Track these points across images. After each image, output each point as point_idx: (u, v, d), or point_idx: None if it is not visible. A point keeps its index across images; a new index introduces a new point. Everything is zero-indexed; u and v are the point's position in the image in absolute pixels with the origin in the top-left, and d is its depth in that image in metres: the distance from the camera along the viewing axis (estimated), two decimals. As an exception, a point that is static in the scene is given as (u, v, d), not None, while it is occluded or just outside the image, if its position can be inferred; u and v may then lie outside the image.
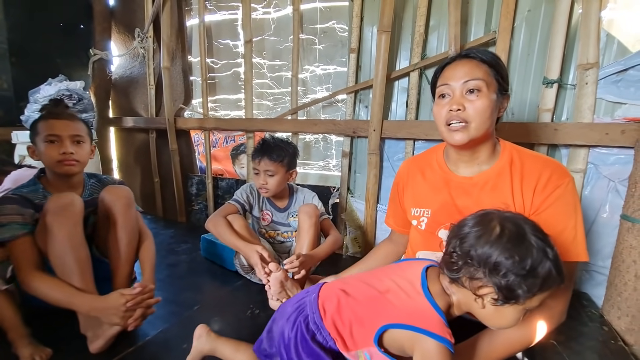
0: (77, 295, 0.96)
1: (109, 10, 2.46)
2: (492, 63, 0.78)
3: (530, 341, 0.69)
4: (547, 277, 0.56)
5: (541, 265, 0.56)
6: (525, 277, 0.55)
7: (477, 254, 0.57)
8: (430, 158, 0.95)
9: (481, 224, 0.60)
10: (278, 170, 1.32)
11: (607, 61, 1.22)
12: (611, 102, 1.23)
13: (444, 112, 0.79)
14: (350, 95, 1.72)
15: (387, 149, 1.67)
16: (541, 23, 1.31)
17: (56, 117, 1.10)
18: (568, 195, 0.74)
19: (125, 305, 0.93)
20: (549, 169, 0.75)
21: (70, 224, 0.99)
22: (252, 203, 1.47)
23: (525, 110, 1.38)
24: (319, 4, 1.80)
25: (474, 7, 1.42)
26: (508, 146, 0.84)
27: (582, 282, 1.35)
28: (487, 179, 0.82)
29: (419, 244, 0.96)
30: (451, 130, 0.78)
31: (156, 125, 2.32)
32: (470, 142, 0.78)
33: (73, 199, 1.02)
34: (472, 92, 0.76)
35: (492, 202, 0.79)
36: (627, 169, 1.16)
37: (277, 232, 1.47)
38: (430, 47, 1.53)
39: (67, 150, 1.07)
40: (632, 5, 1.19)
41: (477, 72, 0.76)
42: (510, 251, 0.56)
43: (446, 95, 0.80)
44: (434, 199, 0.90)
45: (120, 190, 1.16)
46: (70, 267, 0.98)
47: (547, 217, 0.73)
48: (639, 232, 1.06)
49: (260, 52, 2.04)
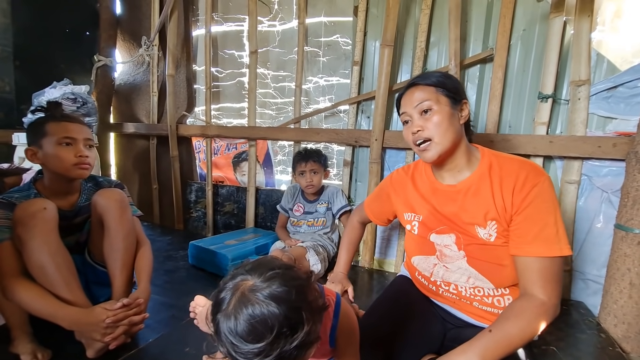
0: (60, 309, 0.90)
1: (116, 19, 2.50)
2: (435, 83, 0.86)
3: (530, 336, 0.70)
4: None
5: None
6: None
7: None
8: (420, 168, 1.01)
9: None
10: (319, 169, 1.68)
11: (597, 78, 1.29)
12: (602, 117, 1.29)
13: (409, 136, 0.88)
14: (352, 105, 1.77)
15: (388, 159, 1.71)
16: (536, 41, 1.39)
17: (69, 120, 1.07)
18: (545, 192, 0.77)
19: (105, 322, 0.89)
20: (525, 170, 0.79)
21: (44, 232, 0.93)
22: (291, 201, 1.82)
23: (522, 124, 1.44)
24: (324, 18, 1.87)
25: (472, 25, 1.50)
26: (486, 152, 0.88)
27: (578, 292, 1.38)
28: (470, 185, 0.86)
29: (414, 250, 0.99)
30: (421, 151, 0.87)
31: (157, 132, 2.33)
32: (441, 156, 0.85)
33: (43, 204, 0.96)
34: (426, 112, 0.85)
35: (475, 207, 0.84)
36: (619, 180, 1.21)
37: (304, 221, 1.77)
38: (430, 62, 1.59)
39: (83, 153, 1.05)
40: (618, 29, 1.27)
41: (423, 95, 0.85)
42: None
43: (408, 121, 0.89)
44: (423, 205, 0.95)
45: (113, 193, 1.09)
46: (52, 277, 0.92)
47: (528, 214, 0.77)
48: (632, 240, 1.10)
49: (265, 63, 2.09)
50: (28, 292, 0.90)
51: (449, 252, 0.89)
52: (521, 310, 0.72)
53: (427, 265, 0.95)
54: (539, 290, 0.74)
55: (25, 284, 0.91)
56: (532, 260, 0.75)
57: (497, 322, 0.73)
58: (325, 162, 1.73)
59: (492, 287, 0.85)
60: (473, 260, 0.85)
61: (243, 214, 2.15)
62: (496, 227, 0.81)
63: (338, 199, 1.73)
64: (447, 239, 0.89)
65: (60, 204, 1.05)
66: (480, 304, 0.87)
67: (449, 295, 0.92)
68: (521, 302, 0.74)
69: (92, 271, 1.15)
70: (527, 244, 0.76)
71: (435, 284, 0.94)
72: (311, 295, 0.55)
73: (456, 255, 0.88)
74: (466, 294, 0.88)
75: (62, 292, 0.92)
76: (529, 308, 0.72)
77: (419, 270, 0.99)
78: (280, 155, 2.17)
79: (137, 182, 2.57)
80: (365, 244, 1.76)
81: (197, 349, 1.02)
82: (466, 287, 0.88)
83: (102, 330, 0.89)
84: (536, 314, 0.71)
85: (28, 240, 0.91)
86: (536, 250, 0.75)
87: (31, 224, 0.91)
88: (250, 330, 0.49)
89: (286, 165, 2.15)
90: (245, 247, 1.68)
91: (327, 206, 1.74)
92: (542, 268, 0.74)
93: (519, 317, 0.71)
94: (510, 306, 0.76)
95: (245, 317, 0.49)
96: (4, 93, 2.12)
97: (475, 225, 0.84)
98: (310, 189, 1.71)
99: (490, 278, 0.84)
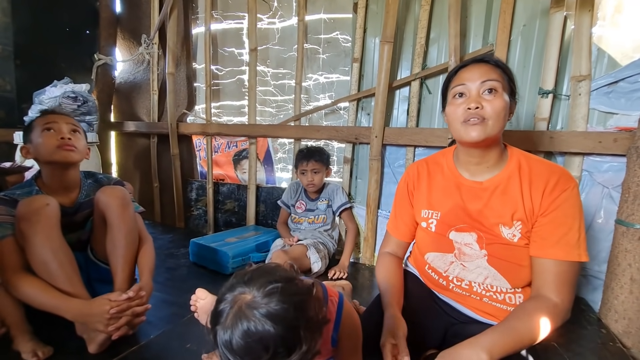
0: (64, 301, 0.92)
1: (115, 17, 2.51)
2: (505, 68, 0.82)
3: (540, 336, 0.70)
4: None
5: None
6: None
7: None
8: (440, 162, 0.97)
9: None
10: (321, 168, 1.68)
11: (598, 74, 1.29)
12: (603, 112, 1.29)
13: (460, 110, 0.81)
14: (352, 102, 1.77)
15: (388, 155, 1.71)
16: (536, 37, 1.38)
17: (53, 112, 1.11)
18: (573, 198, 0.77)
19: (109, 313, 0.90)
20: (556, 174, 0.79)
21: (46, 228, 0.94)
22: (293, 197, 1.82)
23: (522, 119, 1.44)
24: (323, 15, 1.87)
25: (472, 21, 1.49)
26: (515, 152, 0.87)
27: (579, 287, 1.38)
28: (498, 184, 0.84)
29: (428, 246, 0.96)
30: (468, 126, 0.80)
31: (158, 130, 2.33)
32: (485, 141, 0.80)
33: (46, 200, 0.97)
34: (490, 92, 0.79)
35: (502, 206, 0.82)
36: (620, 176, 1.21)
37: (305, 218, 1.77)
38: (430, 58, 1.59)
39: (65, 135, 1.06)
40: (619, 24, 1.27)
41: (493, 74, 0.80)
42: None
43: (463, 94, 0.82)
44: (444, 202, 0.92)
45: (114, 190, 1.11)
46: (55, 273, 0.94)
47: (554, 218, 0.76)
48: (633, 236, 1.10)
49: (265, 61, 2.09)
50: (31, 286, 0.92)
51: (468, 251, 0.87)
52: (534, 310, 0.72)
53: (443, 262, 0.92)
54: (553, 293, 0.74)
55: (29, 278, 0.93)
56: (551, 263, 0.75)
57: (507, 320, 0.73)
58: (328, 160, 1.73)
59: (509, 286, 0.84)
60: (494, 259, 0.84)
61: (244, 212, 2.15)
62: (521, 228, 0.80)
63: (338, 197, 1.74)
64: (467, 237, 0.87)
65: (60, 200, 1.05)
66: (490, 300, 0.86)
67: (459, 291, 0.90)
68: (535, 303, 0.74)
69: (94, 269, 1.16)
70: (549, 247, 0.76)
71: (447, 279, 0.92)
72: (312, 310, 0.54)
73: (477, 254, 0.86)
74: (478, 289, 0.87)
75: (65, 287, 0.94)
76: (542, 308, 0.72)
77: (431, 265, 0.96)
78: (280, 152, 2.18)
79: (138, 180, 2.58)
80: (366, 241, 1.77)
81: (198, 346, 1.03)
82: (480, 284, 0.87)
83: (106, 320, 0.90)
84: (548, 315, 0.71)
85: (31, 236, 0.93)
86: (557, 253, 0.75)
87: (34, 220, 0.93)
88: (247, 349, 0.49)
89: (287, 163, 2.16)
90: (246, 245, 1.68)
91: (327, 203, 1.75)
92: (560, 272, 0.75)
93: (531, 316, 0.71)
94: (522, 305, 0.76)
95: (241, 334, 0.49)
96: (5, 92, 2.13)
97: (500, 225, 0.82)
98: (311, 188, 1.73)
99: (509, 278, 0.83)
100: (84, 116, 1.92)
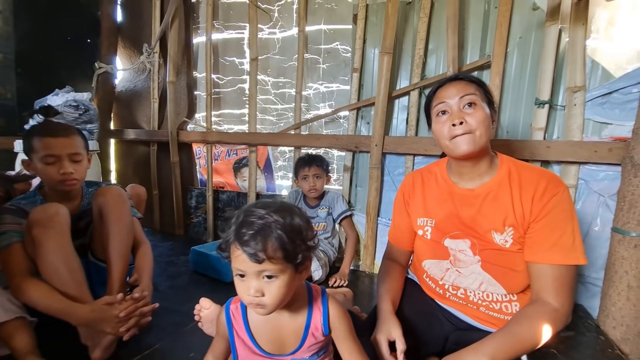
0: (71, 306, 0.94)
1: (117, 27, 2.53)
2: (479, 82, 0.87)
3: (541, 340, 0.72)
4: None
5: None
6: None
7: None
8: (434, 171, 1.00)
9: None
10: (322, 174, 1.70)
11: (593, 85, 1.32)
12: (598, 123, 1.32)
13: (445, 128, 0.84)
14: (352, 112, 1.79)
15: (388, 164, 1.73)
16: (532, 49, 1.42)
17: (52, 134, 1.06)
18: (564, 202, 0.79)
19: (118, 317, 0.92)
20: (545, 179, 0.81)
21: (59, 235, 0.98)
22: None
23: (519, 129, 1.47)
24: (323, 26, 1.90)
25: (469, 33, 1.53)
26: (505, 159, 0.89)
27: (577, 294, 1.39)
28: (489, 190, 0.86)
29: (426, 253, 0.98)
30: (457, 142, 0.83)
31: (158, 138, 2.34)
32: (475, 152, 0.82)
33: (58, 209, 1.00)
34: (470, 106, 0.83)
35: (494, 212, 0.84)
36: (615, 185, 1.23)
37: None
38: (429, 69, 1.62)
39: (67, 170, 1.06)
40: (612, 36, 1.30)
41: (469, 88, 0.84)
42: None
43: (445, 111, 0.86)
44: (438, 209, 0.94)
45: (111, 188, 1.15)
46: (64, 279, 0.97)
47: (546, 223, 0.78)
48: (629, 243, 1.12)
49: (265, 70, 2.12)
50: (39, 290, 0.95)
51: (463, 257, 0.89)
52: (534, 315, 0.74)
53: (439, 269, 0.94)
54: (552, 298, 0.75)
55: (36, 282, 0.96)
56: (547, 268, 0.76)
57: (508, 325, 0.74)
58: (328, 167, 1.76)
59: (504, 292, 0.85)
60: (488, 265, 0.86)
61: (244, 219, 2.15)
62: (512, 234, 0.82)
63: (338, 204, 1.75)
64: (461, 244, 0.89)
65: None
66: (487, 309, 0.88)
67: (456, 300, 0.92)
68: (534, 307, 0.76)
69: (95, 271, 1.18)
70: (544, 252, 0.77)
71: (443, 287, 0.94)
72: (310, 231, 0.66)
73: (471, 260, 0.88)
74: (474, 298, 0.89)
75: (74, 293, 0.97)
76: (542, 313, 0.73)
77: (428, 274, 0.98)
78: (280, 160, 2.19)
79: (138, 188, 2.57)
80: (366, 248, 1.78)
81: (201, 355, 1.02)
82: (475, 292, 0.88)
83: (114, 323, 0.92)
84: (549, 319, 0.72)
85: (44, 242, 0.95)
86: (553, 257, 0.76)
87: (49, 226, 0.97)
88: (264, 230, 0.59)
89: (287, 171, 2.17)
90: (247, 253, 1.69)
91: (327, 211, 1.76)
92: (557, 276, 0.76)
93: (532, 321, 0.73)
94: (523, 311, 0.77)
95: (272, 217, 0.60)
96: (6, 100, 2.13)
97: (492, 231, 0.84)
98: (313, 193, 1.74)
99: (503, 283, 0.85)
100: (85, 124, 1.93)
